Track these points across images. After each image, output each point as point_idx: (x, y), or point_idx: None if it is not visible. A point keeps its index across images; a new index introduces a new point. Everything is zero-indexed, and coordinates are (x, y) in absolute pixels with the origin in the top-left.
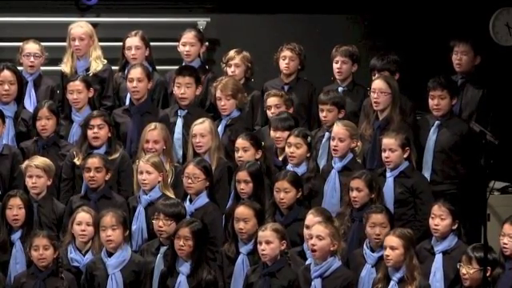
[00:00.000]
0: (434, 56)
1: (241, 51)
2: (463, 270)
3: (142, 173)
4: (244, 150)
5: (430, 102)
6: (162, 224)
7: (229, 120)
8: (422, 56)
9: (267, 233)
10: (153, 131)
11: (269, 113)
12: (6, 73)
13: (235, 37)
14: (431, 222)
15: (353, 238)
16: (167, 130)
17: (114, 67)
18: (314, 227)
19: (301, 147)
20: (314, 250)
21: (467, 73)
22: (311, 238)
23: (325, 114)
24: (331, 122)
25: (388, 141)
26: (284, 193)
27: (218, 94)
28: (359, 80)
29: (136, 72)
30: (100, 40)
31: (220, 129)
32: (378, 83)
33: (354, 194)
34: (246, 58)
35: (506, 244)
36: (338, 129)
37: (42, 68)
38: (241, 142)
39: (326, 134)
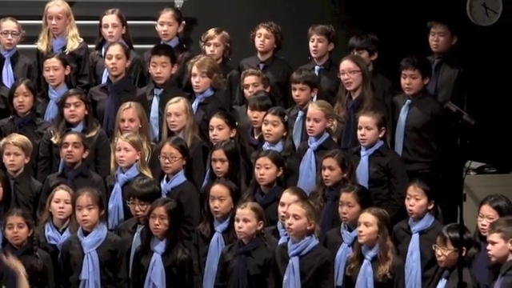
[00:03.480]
0: (412, 36)
1: (220, 30)
2: (438, 252)
3: (119, 150)
4: (218, 128)
5: (402, 80)
6: (137, 209)
7: (202, 99)
8: (400, 36)
9: (246, 211)
10: (128, 110)
11: (246, 91)
12: None
13: (212, 16)
14: (406, 202)
15: (325, 217)
16: (142, 108)
17: (90, 46)
18: (291, 206)
19: (278, 125)
20: (290, 230)
21: (444, 53)
22: (288, 217)
23: (297, 92)
24: (304, 101)
25: (365, 119)
26: (264, 169)
27: (194, 70)
28: (337, 61)
29: (115, 49)
30: (77, 18)
31: (193, 107)
32: (345, 64)
33: (326, 172)
34: (226, 38)
35: (484, 225)
36: (313, 109)
37: (18, 46)
38: (215, 120)
39: (300, 112)
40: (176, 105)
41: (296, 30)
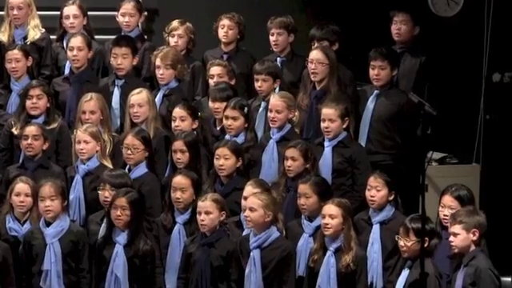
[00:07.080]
0: (374, 27)
1: (184, 22)
2: (401, 243)
3: (79, 142)
4: (181, 119)
5: (371, 71)
6: (107, 195)
7: (167, 90)
8: (361, 27)
9: (207, 203)
10: (89, 102)
11: (211, 82)
12: None
13: (174, 6)
14: (367, 193)
15: (288, 208)
16: (104, 100)
17: (52, 36)
18: (248, 199)
19: (238, 119)
20: (248, 222)
21: (406, 42)
22: (245, 209)
23: (260, 83)
24: (266, 92)
25: (327, 111)
26: (224, 159)
27: (158, 62)
28: (300, 51)
29: (76, 41)
30: (38, 9)
31: (158, 99)
32: (315, 54)
33: (288, 163)
34: (190, 29)
35: (446, 216)
36: (275, 100)
37: None
38: (178, 111)
39: (262, 103)
40: (138, 96)
41: (258, 20)
